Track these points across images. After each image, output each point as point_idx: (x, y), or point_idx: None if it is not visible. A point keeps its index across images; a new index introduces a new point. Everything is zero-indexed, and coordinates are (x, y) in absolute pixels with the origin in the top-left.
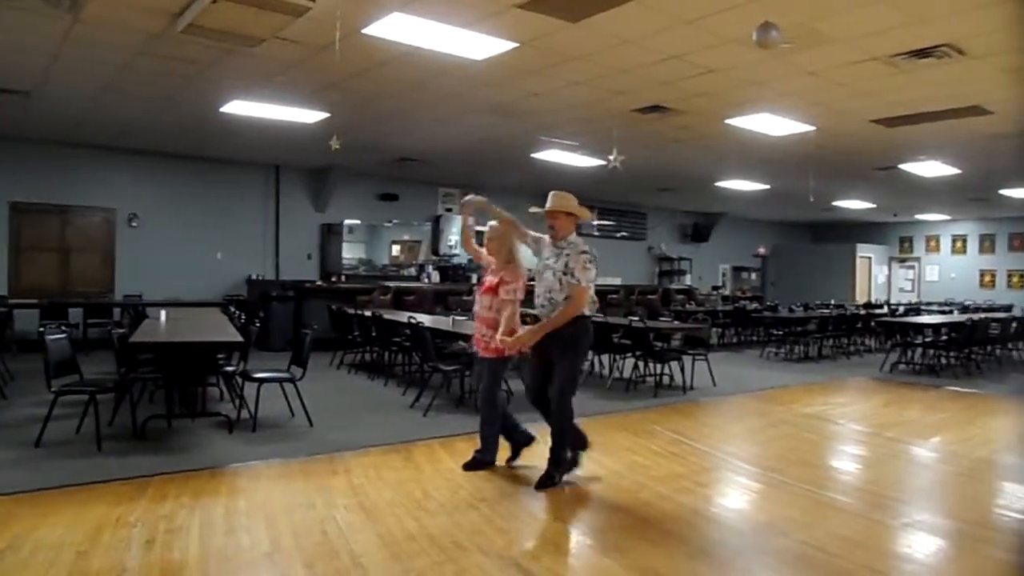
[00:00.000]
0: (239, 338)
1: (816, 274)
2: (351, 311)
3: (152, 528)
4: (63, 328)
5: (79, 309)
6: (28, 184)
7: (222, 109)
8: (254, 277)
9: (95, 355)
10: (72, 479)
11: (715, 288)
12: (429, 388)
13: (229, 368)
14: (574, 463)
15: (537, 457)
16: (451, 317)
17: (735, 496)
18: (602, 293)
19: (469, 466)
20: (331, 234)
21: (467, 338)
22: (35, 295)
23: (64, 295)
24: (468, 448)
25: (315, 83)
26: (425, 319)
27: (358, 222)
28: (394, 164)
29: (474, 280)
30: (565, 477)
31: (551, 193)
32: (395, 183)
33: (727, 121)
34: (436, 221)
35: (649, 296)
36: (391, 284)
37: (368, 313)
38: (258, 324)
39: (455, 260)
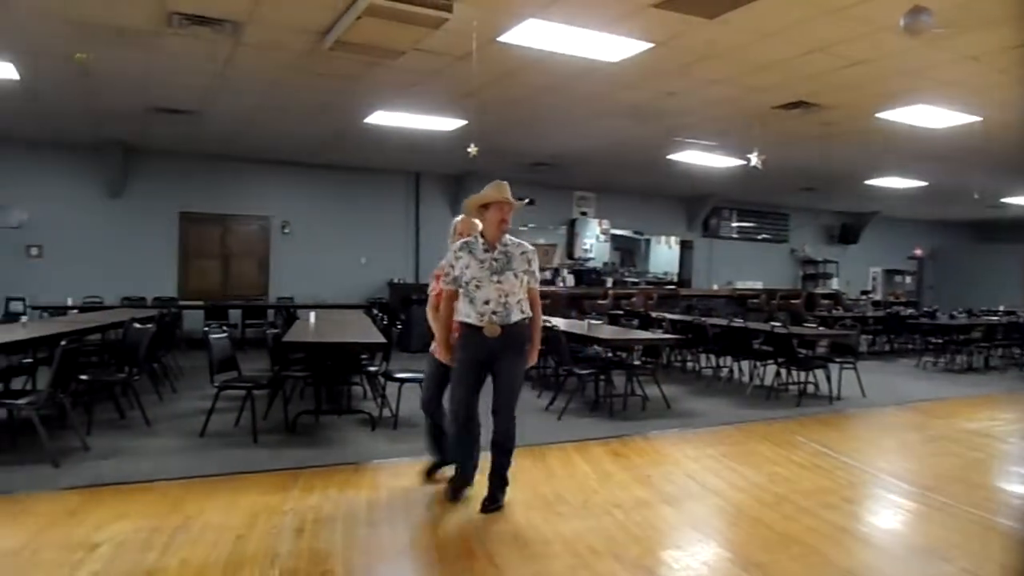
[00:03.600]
0: (382, 339)
1: (981, 278)
2: None
3: (301, 517)
4: (224, 328)
5: (238, 310)
6: (195, 196)
7: (366, 120)
8: (395, 281)
9: (251, 353)
10: (232, 468)
11: (864, 293)
12: (563, 392)
13: (372, 368)
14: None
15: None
16: (586, 321)
17: (888, 516)
18: (742, 297)
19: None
20: None
21: (603, 342)
22: (200, 297)
23: (225, 298)
24: (603, 453)
25: (453, 92)
26: (560, 323)
27: None
28: (529, 168)
29: (609, 284)
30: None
31: (496, 183)
32: (530, 187)
33: (878, 115)
34: (571, 225)
35: (792, 301)
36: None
37: None
38: (399, 326)
39: (590, 264)
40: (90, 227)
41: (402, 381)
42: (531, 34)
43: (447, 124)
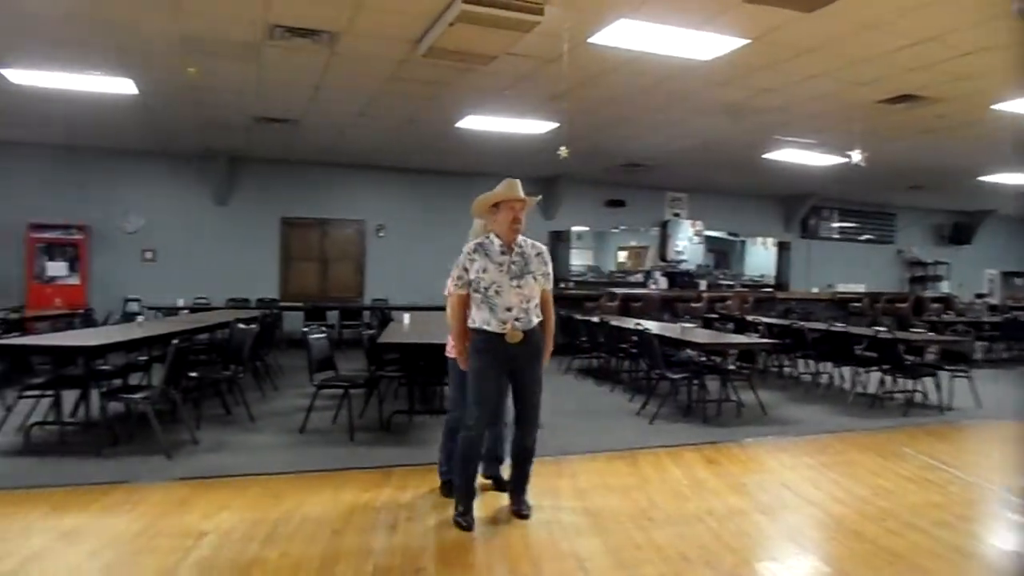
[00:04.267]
0: None
1: None
2: (579, 317)
3: (395, 515)
4: (322, 329)
5: (335, 312)
6: (295, 201)
7: (458, 124)
8: None
9: (348, 353)
10: (329, 464)
11: (979, 296)
12: (656, 396)
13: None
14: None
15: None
16: (679, 324)
17: (1008, 536)
18: (843, 301)
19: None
20: (559, 241)
21: (696, 345)
22: (300, 299)
23: (323, 299)
24: (696, 459)
25: (544, 94)
26: (652, 326)
27: (585, 229)
28: (621, 170)
29: (703, 286)
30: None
31: (507, 181)
32: (622, 189)
33: (995, 107)
34: (663, 226)
35: (898, 304)
36: (618, 290)
37: (595, 319)
38: None
39: (683, 266)
40: (199, 232)
41: None
42: (622, 34)
43: (538, 127)
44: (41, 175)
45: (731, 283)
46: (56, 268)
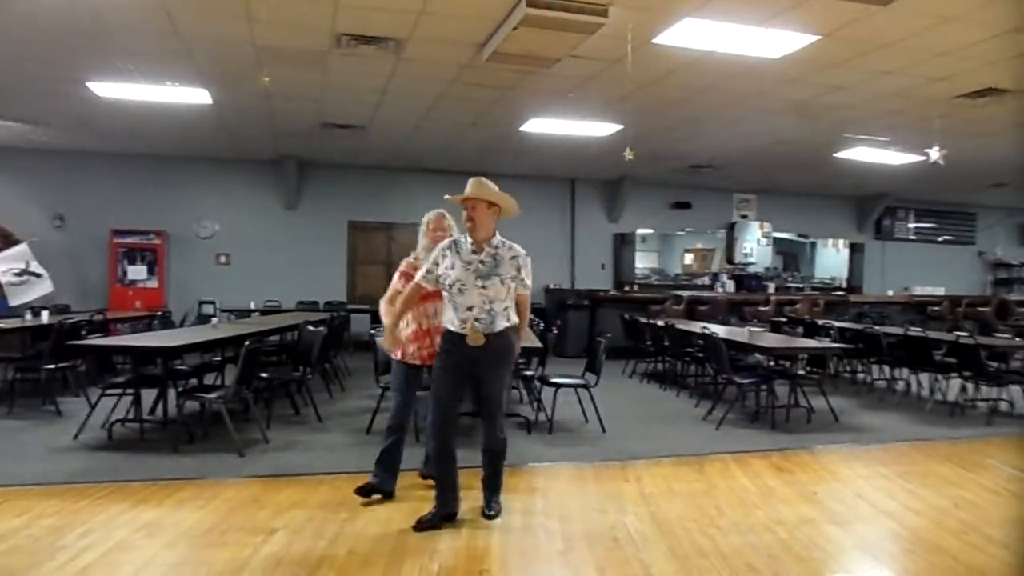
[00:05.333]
0: (539, 344)
1: None
2: (644, 320)
3: (460, 516)
4: None
5: None
6: (361, 205)
7: (521, 128)
8: (551, 286)
9: None
10: None
11: None
12: (723, 401)
13: (528, 372)
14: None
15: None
16: (747, 328)
17: None
18: (920, 304)
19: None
20: (624, 244)
21: (765, 350)
22: (366, 302)
23: None
24: (764, 467)
25: (608, 96)
26: (719, 330)
27: (651, 231)
28: (687, 172)
29: (771, 289)
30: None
31: (471, 180)
32: (688, 191)
33: None
34: (731, 228)
35: (980, 308)
36: (684, 293)
37: (660, 322)
38: (555, 331)
39: (751, 268)
40: (270, 236)
41: (558, 386)
42: (687, 34)
43: (602, 129)
44: (123, 184)
45: (800, 286)
46: (136, 272)
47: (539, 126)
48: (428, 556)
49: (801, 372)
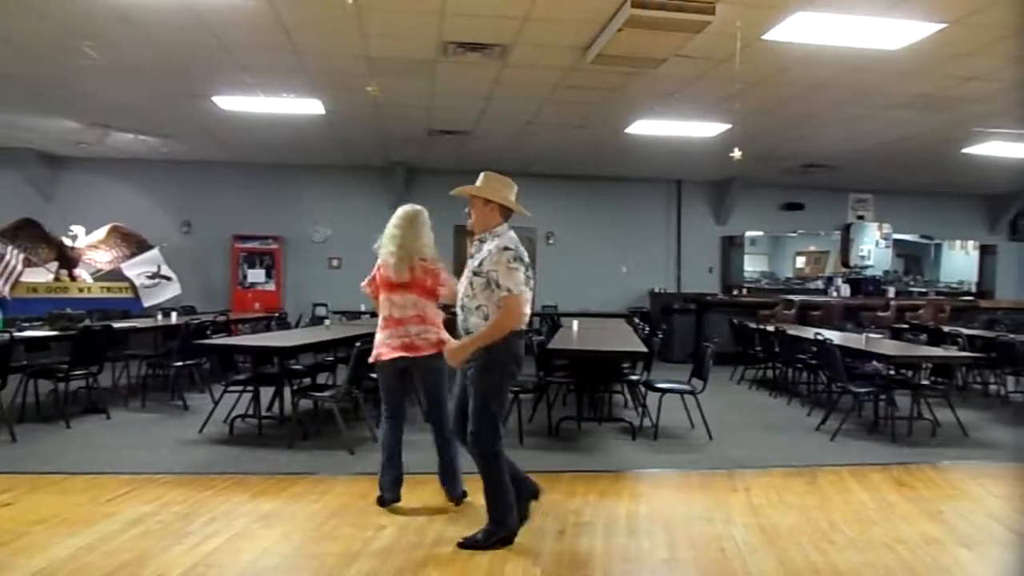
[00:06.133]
0: (643, 349)
1: None
2: (752, 325)
3: (562, 520)
4: None
5: None
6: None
7: (626, 130)
8: (656, 290)
9: None
10: None
11: None
12: (837, 411)
13: (633, 377)
14: (516, 520)
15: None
16: (864, 334)
17: None
18: None
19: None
20: (732, 246)
21: (884, 358)
22: None
23: None
24: (883, 481)
25: (715, 96)
26: (834, 336)
27: (760, 233)
28: (799, 172)
29: (891, 294)
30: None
31: (481, 174)
32: (800, 191)
33: None
34: (846, 230)
35: None
36: (795, 297)
37: (771, 328)
38: (661, 336)
39: (868, 272)
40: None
41: (663, 391)
42: (799, 29)
43: (709, 129)
44: (244, 191)
45: (924, 290)
46: (255, 275)
47: (644, 128)
48: (531, 558)
49: (925, 382)
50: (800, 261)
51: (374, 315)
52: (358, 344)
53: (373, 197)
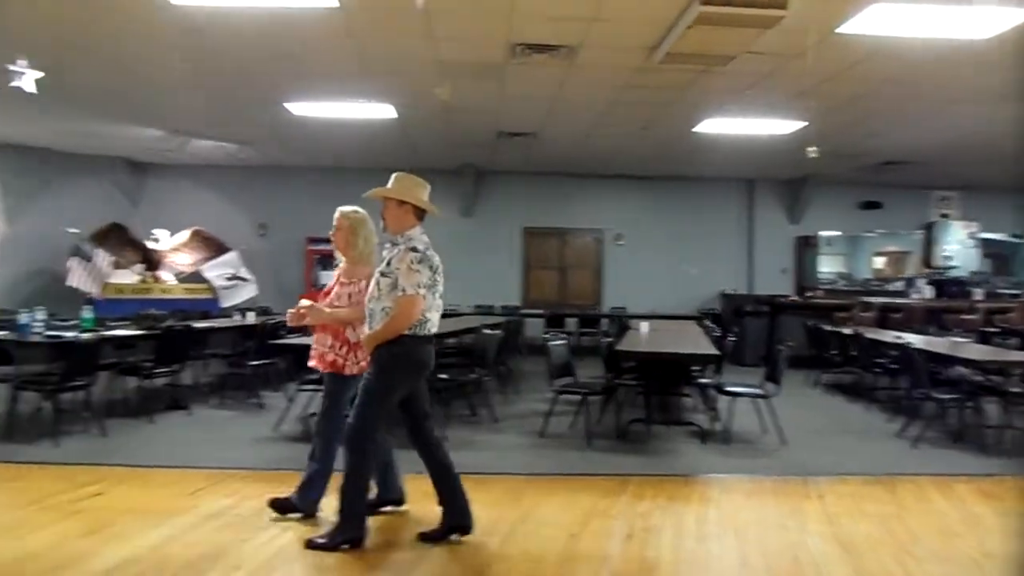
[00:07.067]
0: (714, 351)
1: None
2: (828, 328)
3: (630, 524)
4: (562, 336)
5: (574, 319)
6: (535, 211)
7: (694, 129)
8: (727, 291)
9: (586, 361)
10: (566, 468)
11: None
12: (919, 417)
13: (704, 380)
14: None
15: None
16: (948, 338)
17: None
18: None
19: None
20: (807, 247)
21: (971, 363)
22: (540, 306)
23: (562, 306)
24: (969, 492)
25: (788, 92)
26: (915, 339)
27: (836, 233)
28: (877, 169)
29: (978, 296)
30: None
31: (393, 175)
32: (878, 189)
33: None
34: (928, 229)
35: None
36: (874, 299)
37: (848, 331)
38: (732, 338)
39: (953, 272)
40: (448, 243)
41: (735, 395)
42: (875, 20)
43: (783, 127)
44: (316, 195)
45: (1015, 292)
46: (328, 277)
47: (714, 126)
48: (599, 562)
49: (1016, 389)
50: (879, 262)
51: (443, 317)
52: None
53: (441, 199)
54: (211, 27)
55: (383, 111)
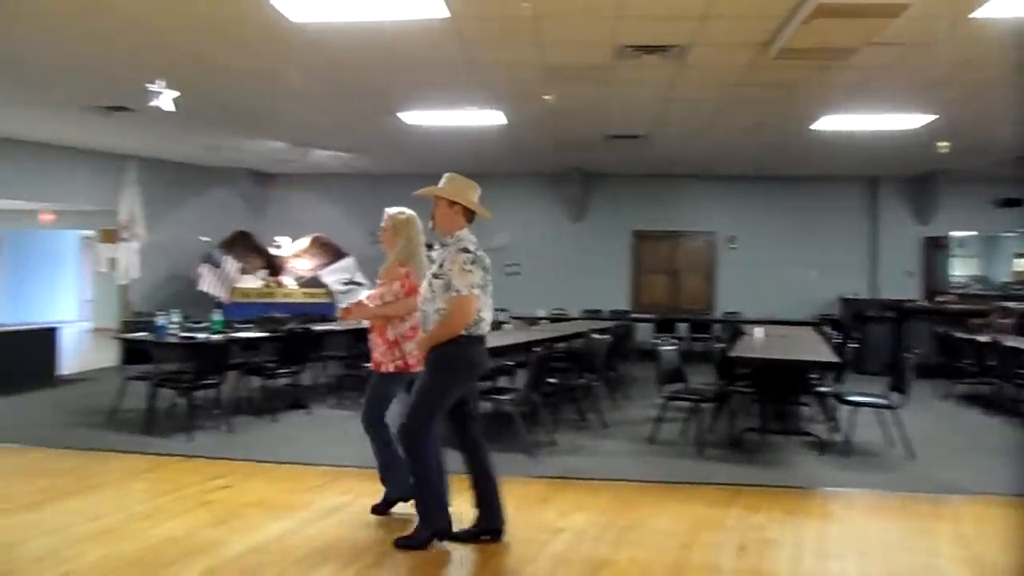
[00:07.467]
0: (834, 358)
1: None
2: (961, 335)
3: (744, 535)
4: (673, 341)
5: (685, 324)
6: (645, 214)
7: (812, 126)
8: (848, 296)
9: (698, 367)
10: (677, 476)
11: None
12: None
13: (823, 388)
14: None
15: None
16: None
17: None
18: None
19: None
20: (936, 248)
21: None
22: (650, 311)
23: (673, 311)
24: None
25: (915, 84)
26: None
27: (970, 234)
28: (1015, 163)
29: None
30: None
31: (444, 175)
32: (1018, 186)
33: None
34: None
35: None
36: (1014, 305)
37: (984, 338)
38: (854, 344)
39: None
40: (556, 247)
41: (857, 404)
42: (1016, 2)
43: (910, 121)
44: (425, 201)
45: None
46: None
47: (833, 123)
48: (712, 574)
49: None
50: (1020, 264)
51: (552, 321)
52: (536, 349)
53: (550, 204)
54: (329, 42)
55: (493, 117)
